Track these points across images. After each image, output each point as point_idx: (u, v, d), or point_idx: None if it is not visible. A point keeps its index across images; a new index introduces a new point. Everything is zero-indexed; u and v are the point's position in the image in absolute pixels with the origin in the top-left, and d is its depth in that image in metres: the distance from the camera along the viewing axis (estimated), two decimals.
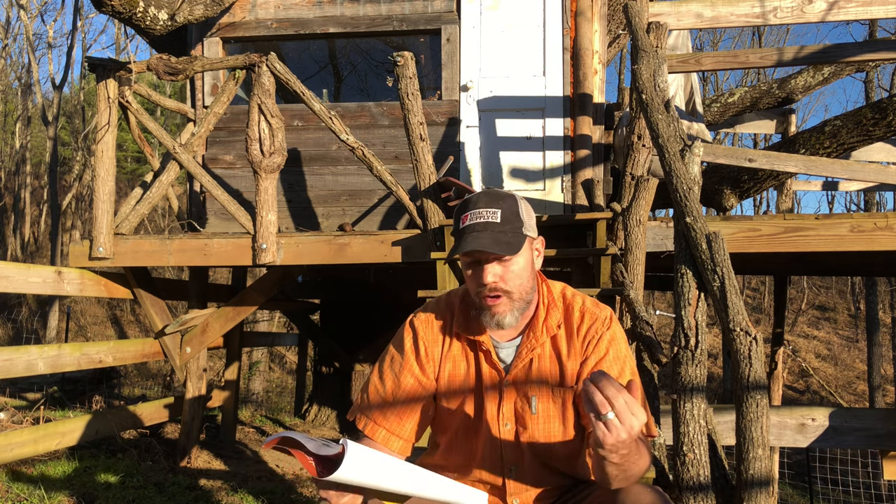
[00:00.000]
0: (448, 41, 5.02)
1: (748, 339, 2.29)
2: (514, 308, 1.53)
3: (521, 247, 1.50)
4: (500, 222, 1.49)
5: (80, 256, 4.40)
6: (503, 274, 1.50)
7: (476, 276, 1.52)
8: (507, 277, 1.50)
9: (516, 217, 1.52)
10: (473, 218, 1.50)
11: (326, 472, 1.23)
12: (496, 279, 1.49)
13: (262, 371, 13.09)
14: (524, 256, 1.53)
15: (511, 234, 1.49)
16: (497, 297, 1.51)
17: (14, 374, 3.76)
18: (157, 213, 21.09)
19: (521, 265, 1.52)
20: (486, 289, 1.50)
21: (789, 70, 10.63)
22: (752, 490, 2.14)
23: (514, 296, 1.52)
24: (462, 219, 1.52)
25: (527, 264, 1.53)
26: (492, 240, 1.47)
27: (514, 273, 1.51)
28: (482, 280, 1.50)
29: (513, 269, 1.50)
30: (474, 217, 1.50)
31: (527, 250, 1.54)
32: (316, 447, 1.25)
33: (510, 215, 1.51)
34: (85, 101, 23.15)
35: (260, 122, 4.14)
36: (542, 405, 1.56)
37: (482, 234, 1.47)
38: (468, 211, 1.52)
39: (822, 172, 3.96)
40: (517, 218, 1.52)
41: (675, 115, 3.36)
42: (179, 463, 4.73)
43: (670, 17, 4.36)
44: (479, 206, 1.51)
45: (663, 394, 3.34)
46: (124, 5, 4.24)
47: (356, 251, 4.15)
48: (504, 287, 1.50)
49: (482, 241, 1.46)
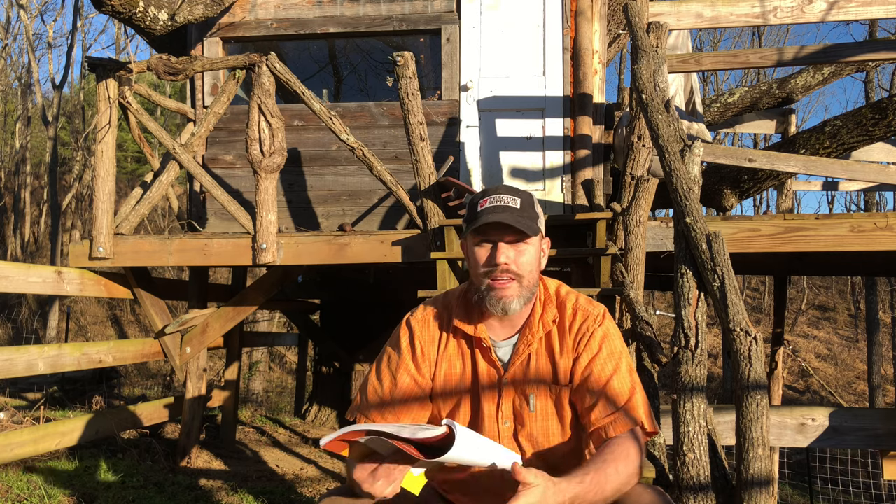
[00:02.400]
0: (448, 41, 5.02)
1: (748, 339, 2.29)
2: (522, 295, 1.54)
3: (537, 232, 1.54)
4: (520, 208, 1.53)
5: (80, 256, 4.40)
6: (516, 258, 1.52)
7: (489, 257, 1.53)
8: (520, 262, 1.53)
9: (532, 208, 1.57)
10: (494, 202, 1.53)
11: (428, 454, 1.27)
12: (509, 261, 1.51)
13: (262, 371, 13.09)
14: (535, 247, 1.56)
15: (529, 220, 1.53)
16: (507, 280, 1.52)
17: (14, 374, 3.76)
18: (157, 213, 21.09)
19: (531, 254, 1.55)
20: (498, 269, 1.52)
21: (789, 70, 10.62)
22: (752, 490, 2.14)
23: (524, 282, 1.54)
24: (481, 203, 1.55)
25: (536, 256, 1.57)
26: (513, 219, 1.50)
27: (526, 260, 1.54)
28: (495, 259, 1.52)
29: (525, 256, 1.53)
30: (495, 201, 1.53)
31: (538, 242, 1.57)
32: (411, 433, 1.28)
33: (528, 206, 1.55)
34: (85, 101, 23.15)
35: (260, 122, 4.14)
36: (539, 403, 1.56)
37: (503, 213, 1.50)
38: (488, 196, 1.55)
39: (822, 172, 3.96)
40: (533, 209, 1.57)
41: (675, 115, 3.36)
42: (179, 463, 4.73)
43: (670, 17, 4.36)
44: (499, 192, 1.56)
45: (663, 394, 3.35)
46: (124, 5, 4.24)
47: (356, 251, 4.15)
48: (516, 270, 1.52)
49: (504, 216, 1.49)
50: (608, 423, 1.48)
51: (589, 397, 1.52)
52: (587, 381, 1.53)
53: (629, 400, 1.50)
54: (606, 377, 1.52)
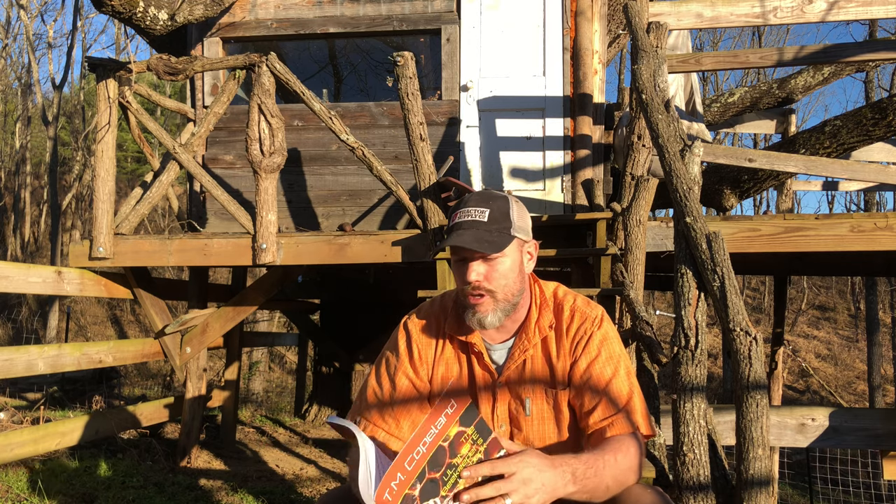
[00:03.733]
0: (448, 41, 5.02)
1: (748, 339, 2.28)
2: (498, 309, 1.52)
3: (505, 246, 1.49)
4: (487, 221, 1.49)
5: (80, 256, 4.40)
6: (487, 273, 1.50)
7: (461, 274, 1.53)
8: (492, 277, 1.50)
9: (505, 217, 1.51)
10: (462, 216, 1.51)
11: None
12: (479, 278, 1.50)
13: (262, 371, 13.09)
14: (511, 257, 1.52)
15: (496, 233, 1.49)
16: (480, 295, 1.51)
17: (14, 374, 3.76)
18: (157, 213, 21.08)
19: (507, 266, 1.51)
20: (470, 287, 1.50)
21: (789, 70, 10.63)
22: (752, 490, 2.14)
23: (497, 296, 1.51)
24: (452, 216, 1.53)
25: (514, 265, 1.53)
26: (474, 237, 1.47)
27: (500, 273, 1.50)
28: (466, 278, 1.51)
29: (498, 269, 1.50)
30: (462, 215, 1.51)
31: (515, 251, 1.53)
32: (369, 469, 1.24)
33: (499, 215, 1.51)
34: (85, 101, 23.15)
35: (260, 122, 4.14)
36: (535, 407, 1.55)
37: (466, 231, 1.48)
38: (459, 209, 1.53)
39: (822, 172, 3.96)
40: (506, 218, 1.51)
41: (675, 115, 3.36)
42: (179, 463, 4.73)
43: (670, 17, 4.36)
44: (469, 205, 1.52)
45: (663, 394, 3.34)
46: (124, 5, 4.24)
47: (356, 251, 4.15)
48: (487, 286, 1.50)
49: (464, 238, 1.47)
50: (607, 424, 1.48)
51: (588, 401, 1.51)
52: (586, 385, 1.52)
53: (627, 402, 1.50)
54: (606, 380, 1.52)
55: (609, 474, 1.37)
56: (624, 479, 1.40)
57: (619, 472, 1.39)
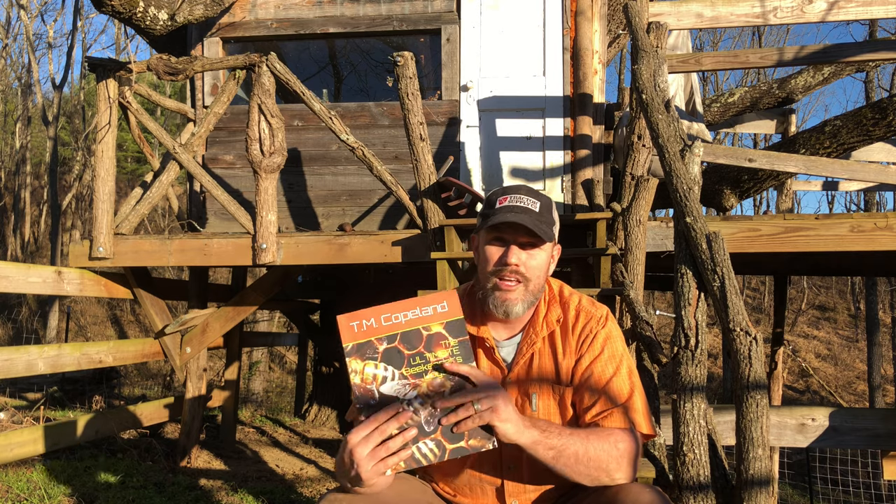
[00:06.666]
0: (448, 41, 5.02)
1: (748, 339, 2.28)
2: (526, 300, 1.54)
3: (551, 239, 1.53)
4: (539, 212, 1.52)
5: (80, 256, 4.40)
6: (527, 261, 1.52)
7: (499, 256, 1.53)
8: (530, 265, 1.52)
9: (550, 214, 1.56)
10: (513, 201, 1.53)
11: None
12: (520, 262, 1.51)
13: (262, 371, 13.09)
14: (547, 253, 1.55)
15: (546, 225, 1.52)
16: (515, 281, 1.52)
17: (14, 374, 3.76)
18: (157, 213, 21.08)
19: (541, 259, 1.54)
20: (508, 269, 1.51)
21: (789, 70, 10.63)
22: (752, 490, 2.14)
23: (529, 286, 1.53)
24: (500, 200, 1.54)
25: (545, 262, 1.56)
26: (531, 222, 1.49)
27: (535, 264, 1.53)
28: (506, 259, 1.51)
29: (535, 260, 1.53)
30: (514, 200, 1.53)
31: (550, 249, 1.57)
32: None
33: (546, 211, 1.54)
34: (85, 101, 23.15)
35: (260, 122, 4.14)
36: (542, 403, 1.56)
37: (521, 214, 1.50)
38: (508, 194, 1.55)
39: (822, 172, 3.96)
40: (551, 215, 1.56)
41: (675, 115, 3.36)
42: (179, 463, 4.73)
43: (670, 17, 4.36)
44: (520, 192, 1.55)
45: (663, 394, 3.35)
46: (124, 5, 4.24)
47: (356, 251, 4.15)
48: (525, 273, 1.52)
49: (522, 218, 1.49)
50: (601, 418, 1.48)
51: (588, 397, 1.52)
52: (587, 382, 1.53)
53: (628, 400, 1.50)
54: (606, 378, 1.52)
55: (581, 446, 1.37)
56: (605, 464, 1.39)
57: (605, 454, 1.39)
